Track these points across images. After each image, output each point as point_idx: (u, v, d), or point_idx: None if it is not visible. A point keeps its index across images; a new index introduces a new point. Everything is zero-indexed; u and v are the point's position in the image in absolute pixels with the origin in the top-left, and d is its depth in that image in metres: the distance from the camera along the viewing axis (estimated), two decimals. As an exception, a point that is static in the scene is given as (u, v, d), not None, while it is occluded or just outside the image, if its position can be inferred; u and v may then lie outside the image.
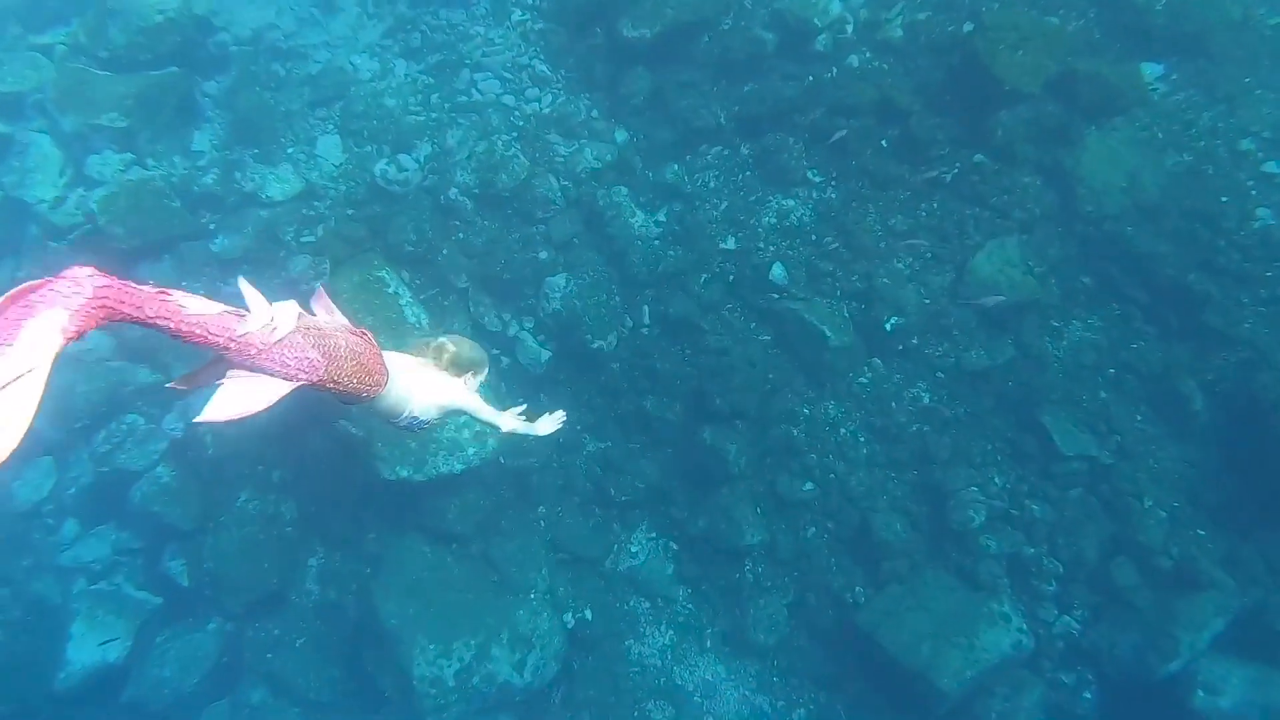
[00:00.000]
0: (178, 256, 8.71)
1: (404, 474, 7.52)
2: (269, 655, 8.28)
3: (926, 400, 8.08)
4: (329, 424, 8.12)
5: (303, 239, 8.71)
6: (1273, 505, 7.46)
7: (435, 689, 7.41)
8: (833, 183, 8.51)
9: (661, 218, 8.82)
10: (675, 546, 8.41)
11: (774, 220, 8.51)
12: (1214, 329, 7.74)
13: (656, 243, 8.70)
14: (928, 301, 8.07)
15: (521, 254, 8.58)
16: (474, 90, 9.22)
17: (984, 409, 8.02)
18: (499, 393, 8.51)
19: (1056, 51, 8.21)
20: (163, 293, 2.63)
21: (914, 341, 8.09)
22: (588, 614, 8.20)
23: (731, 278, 8.44)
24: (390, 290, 7.96)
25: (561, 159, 8.85)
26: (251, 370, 2.91)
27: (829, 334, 7.98)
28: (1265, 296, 7.66)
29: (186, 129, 9.30)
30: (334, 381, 3.15)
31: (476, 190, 8.71)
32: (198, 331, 2.69)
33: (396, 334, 7.74)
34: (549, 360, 8.50)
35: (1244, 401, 7.56)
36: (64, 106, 8.82)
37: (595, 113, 9.08)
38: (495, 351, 8.65)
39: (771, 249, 8.41)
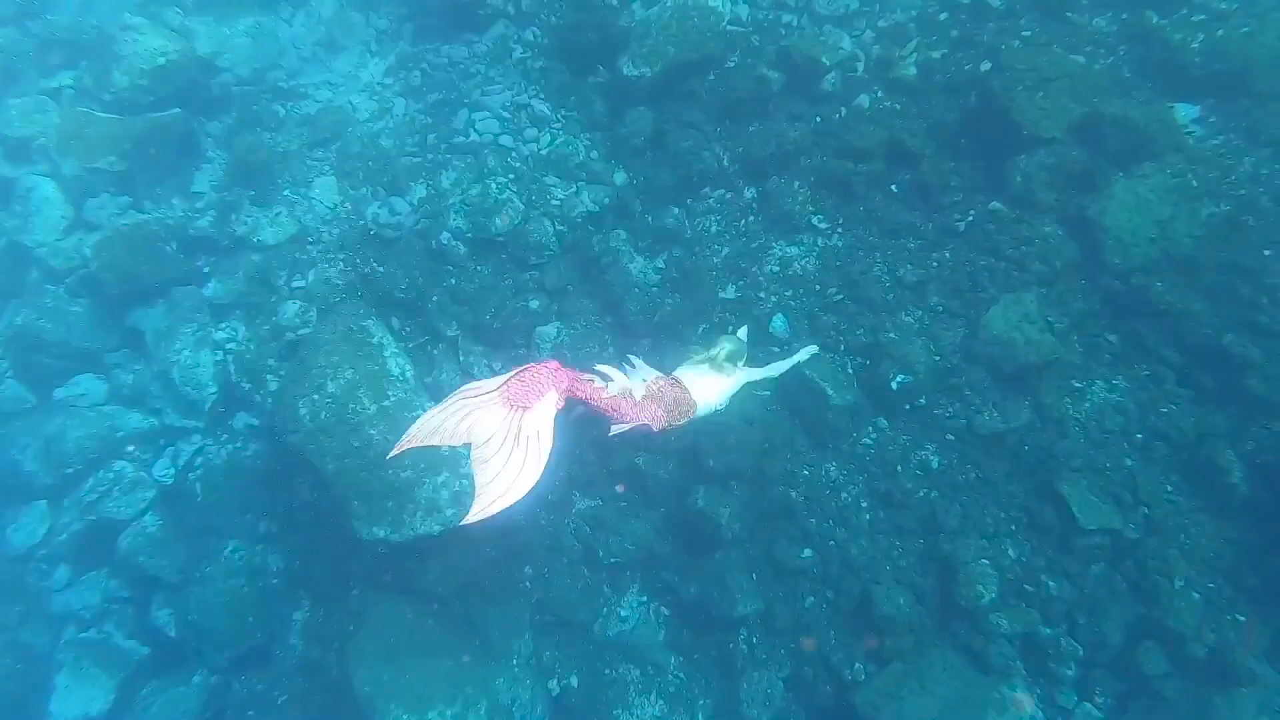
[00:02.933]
0: (171, 301, 8.62)
1: (380, 534, 7.26)
2: (250, 712, 8.09)
3: (935, 464, 7.57)
4: (316, 475, 7.90)
5: (294, 284, 8.57)
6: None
7: (408, 760, 7.13)
8: (839, 230, 8.07)
9: (660, 264, 8.46)
10: (667, 611, 8.01)
11: (776, 268, 8.09)
12: (1255, 395, 7.09)
13: (655, 290, 8.34)
14: (937, 358, 7.57)
15: (513, 301, 8.30)
16: (472, 130, 8.99)
17: (997, 475, 7.48)
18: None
19: (1081, 93, 7.66)
20: (592, 380, 4.42)
21: (922, 401, 7.59)
22: (573, 681, 7.85)
23: (731, 329, 8.01)
24: (374, 341, 7.72)
25: (557, 202, 8.55)
26: (622, 422, 4.50)
27: (830, 391, 7.53)
28: (1312, 360, 6.99)
29: (188, 170, 9.24)
30: (670, 425, 4.64)
31: (470, 234, 8.46)
32: (610, 408, 4.41)
33: (378, 386, 7.52)
34: (539, 413, 8.15)
35: (1288, 475, 6.90)
36: (65, 150, 8.81)
37: (594, 154, 8.77)
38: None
39: (773, 299, 8.00)
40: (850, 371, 7.71)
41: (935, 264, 7.81)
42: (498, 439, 4.06)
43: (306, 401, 7.27)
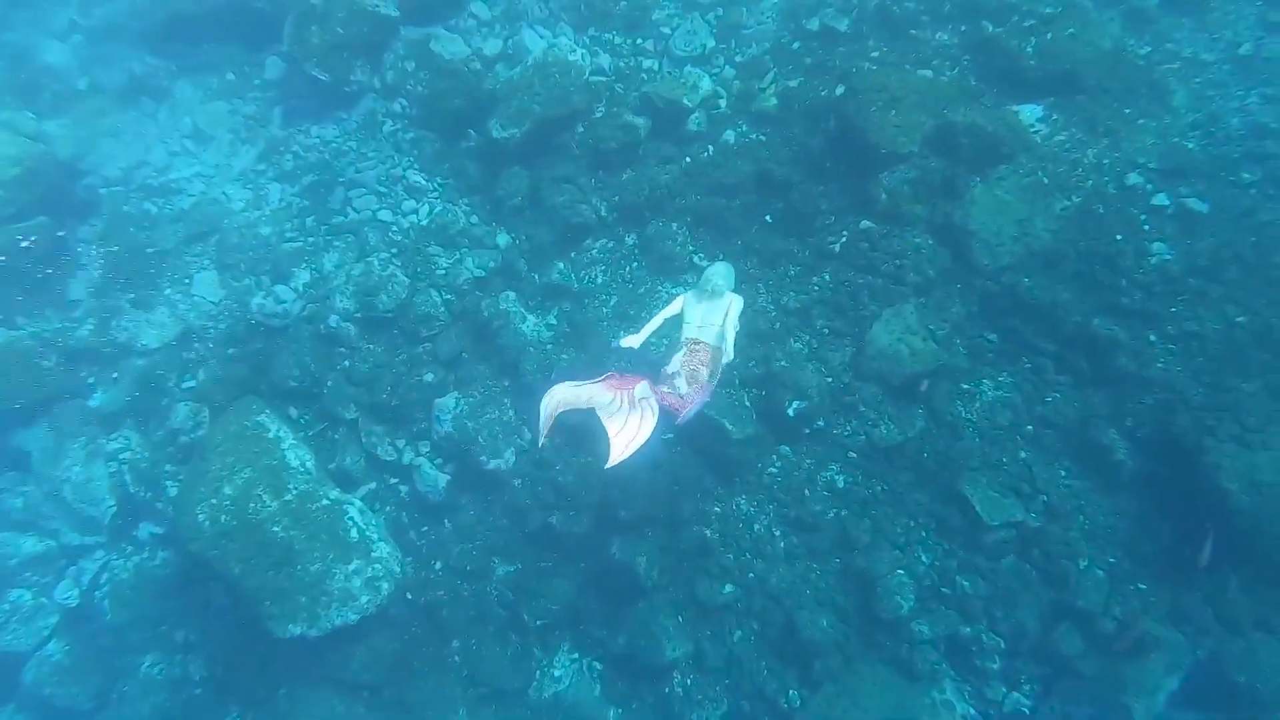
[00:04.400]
0: (54, 417, 8.37)
1: (297, 631, 7.11)
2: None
3: (841, 483, 7.72)
4: (224, 579, 7.71)
5: (184, 385, 8.40)
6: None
7: None
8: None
9: (552, 320, 8.51)
10: (600, 666, 7.99)
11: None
12: (1127, 373, 7.41)
13: (549, 347, 8.38)
14: (830, 380, 7.73)
15: (409, 377, 8.25)
16: (349, 208, 8.95)
17: (902, 485, 7.66)
18: (400, 525, 8.17)
19: (931, 105, 7.96)
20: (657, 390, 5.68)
21: (821, 423, 7.73)
22: (515, 749, 7.75)
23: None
24: (271, 435, 7.60)
25: (443, 271, 8.56)
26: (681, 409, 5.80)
27: (730, 426, 7.63)
28: (1173, 334, 7.34)
29: (62, 279, 8.98)
30: (710, 386, 5.91)
31: (358, 314, 8.41)
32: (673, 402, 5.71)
33: (278, 482, 7.40)
34: (448, 485, 8.12)
35: (1166, 445, 7.21)
36: (-72, 275, 8.51)
37: (474, 218, 8.81)
38: (394, 480, 8.30)
39: (665, 342, 8.06)
40: (748, 404, 7.82)
41: (816, 287, 8.00)
42: (617, 405, 5.55)
43: (204, 507, 7.12)
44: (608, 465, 5.40)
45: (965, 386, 7.77)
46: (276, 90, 9.66)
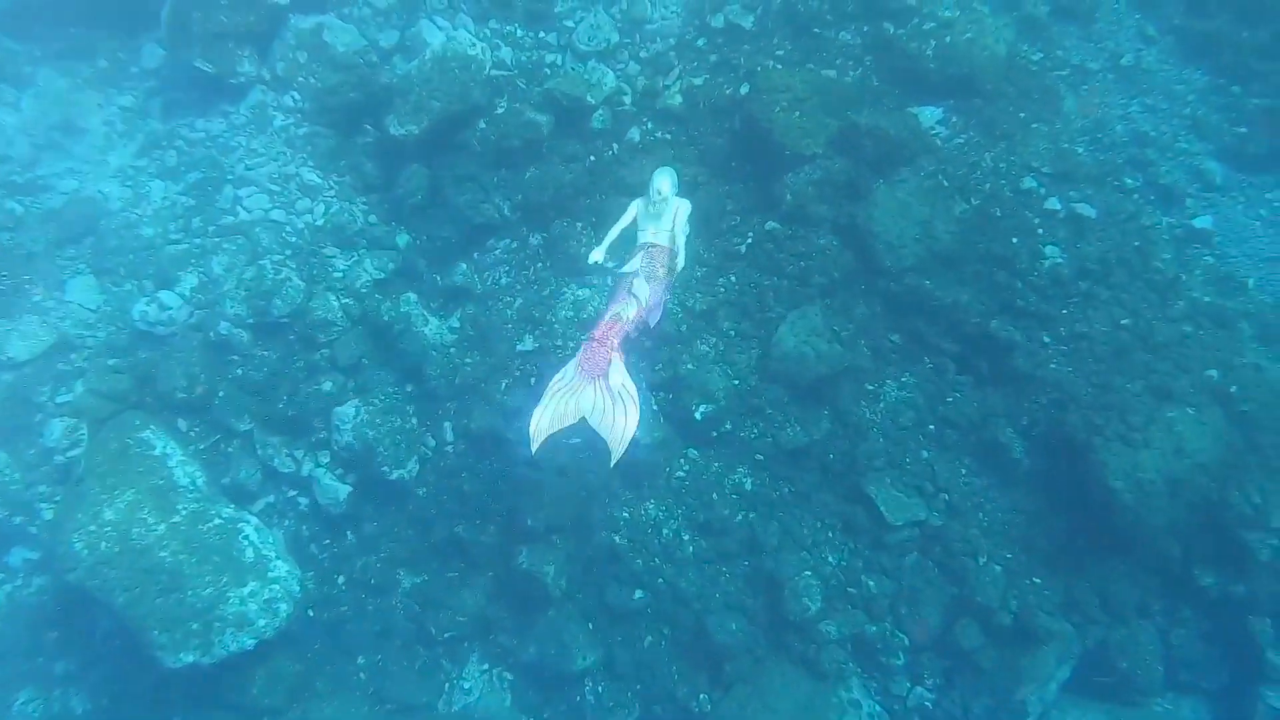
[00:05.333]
0: (-88, 442, 7.75)
1: (189, 659, 6.78)
2: None
3: (749, 485, 7.75)
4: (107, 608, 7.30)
5: (59, 400, 7.87)
6: (1098, 540, 7.37)
7: None
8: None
9: (455, 323, 8.29)
10: (510, 676, 7.90)
11: (570, 313, 8.07)
12: (1023, 373, 7.61)
13: (452, 350, 8.16)
14: (736, 382, 7.73)
15: (307, 385, 7.93)
16: (239, 208, 8.49)
17: (809, 486, 7.74)
18: (300, 539, 7.89)
19: (835, 106, 7.98)
20: (622, 315, 6.07)
21: (728, 426, 7.74)
22: (425, 765, 7.61)
23: (533, 381, 7.95)
24: (157, 453, 7.21)
25: (340, 274, 8.23)
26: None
27: (638, 431, 7.53)
28: (1065, 335, 7.57)
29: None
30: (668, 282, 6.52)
31: (251, 320, 8.01)
32: (642, 315, 6.19)
33: (165, 502, 7.03)
34: (350, 496, 7.85)
35: (1059, 442, 7.45)
36: None
37: (373, 218, 8.48)
38: (293, 493, 7.99)
39: (571, 345, 7.94)
40: (655, 408, 7.77)
41: (722, 289, 7.98)
42: (601, 405, 5.80)
43: (82, 535, 6.71)
44: (612, 464, 5.92)
45: (869, 387, 7.87)
46: (155, 80, 9.10)
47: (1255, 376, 7.32)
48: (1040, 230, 7.74)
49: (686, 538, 7.68)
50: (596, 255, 6.54)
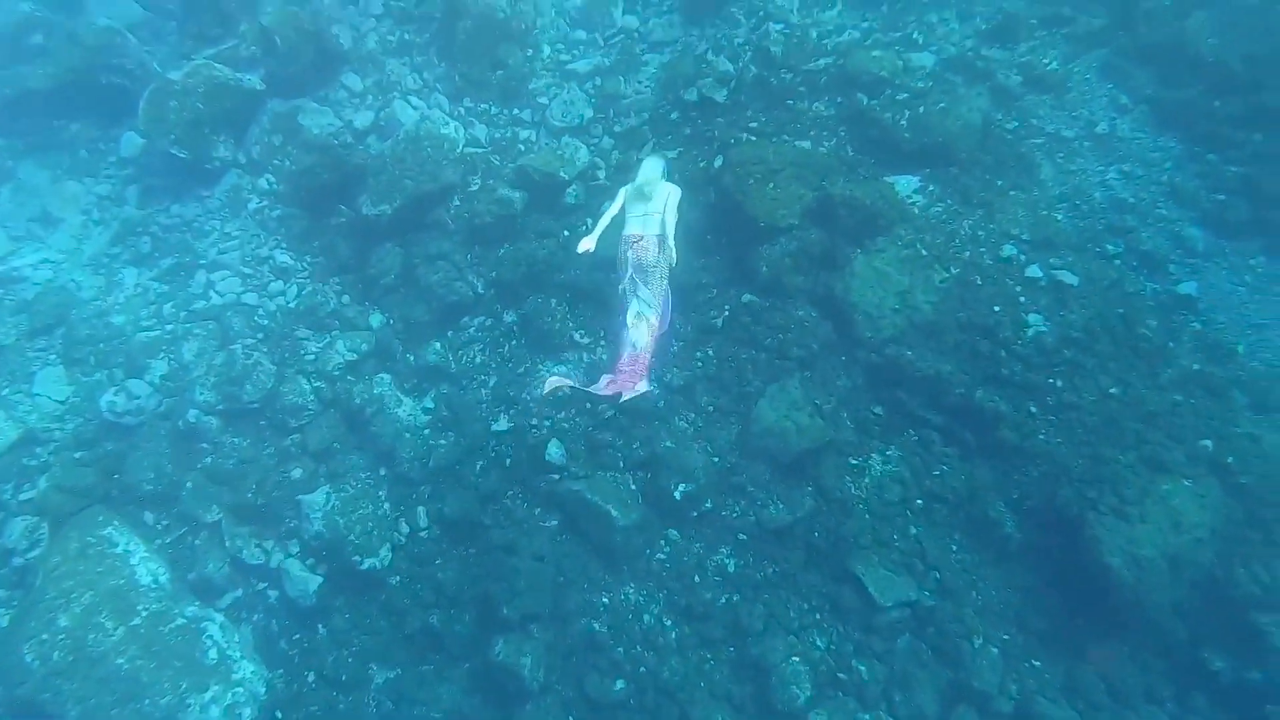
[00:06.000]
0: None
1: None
2: None
3: (732, 567, 7.47)
4: None
5: (22, 497, 7.69)
6: (1098, 620, 7.04)
7: None
8: (601, 343, 7.96)
9: (429, 403, 8.12)
10: (488, 776, 7.50)
11: (545, 390, 7.86)
12: (1011, 445, 7.36)
13: (426, 432, 7.98)
14: (716, 460, 7.52)
15: (277, 472, 7.74)
16: (212, 292, 8.45)
17: (794, 566, 7.45)
18: (269, 634, 7.62)
19: (809, 178, 7.91)
20: (635, 353, 6.22)
21: (708, 505, 7.50)
22: None
23: (509, 461, 7.77)
24: (119, 550, 7.00)
25: (312, 356, 8.12)
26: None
27: (615, 513, 7.34)
28: (1052, 404, 7.33)
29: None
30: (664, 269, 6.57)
31: (221, 407, 7.88)
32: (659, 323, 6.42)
33: (125, 604, 6.80)
34: (320, 587, 7.60)
35: (1052, 517, 7.17)
36: None
37: (346, 298, 8.40)
38: (262, 585, 7.75)
39: (546, 424, 7.78)
40: (633, 487, 7.56)
41: (700, 363, 7.81)
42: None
43: (33, 645, 6.46)
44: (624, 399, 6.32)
45: (853, 462, 7.64)
46: (133, 168, 9.15)
47: (1252, 447, 7.06)
48: (1022, 298, 7.57)
49: (668, 623, 7.38)
50: (587, 244, 6.52)
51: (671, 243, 6.56)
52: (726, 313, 7.89)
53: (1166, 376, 7.38)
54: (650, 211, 6.53)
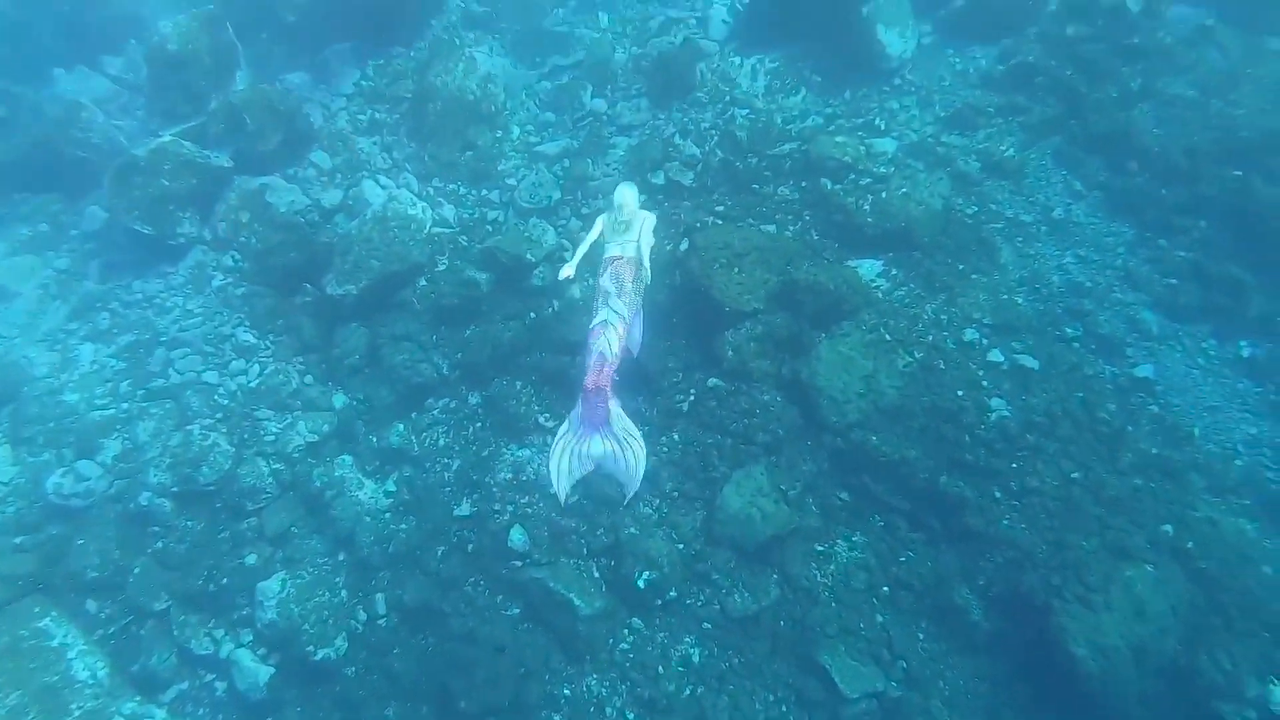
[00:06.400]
0: None
1: None
2: None
3: (696, 658, 7.32)
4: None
5: (-41, 585, 7.38)
6: (1065, 710, 6.95)
7: None
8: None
9: (391, 486, 7.98)
10: None
11: (509, 475, 7.79)
12: (976, 530, 7.34)
13: (387, 516, 7.82)
14: (681, 546, 7.42)
15: (231, 558, 7.53)
16: (171, 370, 8.30)
17: (759, 656, 7.31)
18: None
19: (774, 262, 8.00)
20: (604, 361, 6.29)
21: (673, 594, 7.37)
22: None
23: (471, 547, 7.62)
24: (55, 644, 6.73)
25: (272, 437, 7.96)
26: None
27: (578, 602, 7.20)
28: (1016, 490, 7.35)
29: None
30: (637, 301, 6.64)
31: (175, 489, 7.68)
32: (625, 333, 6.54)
33: (58, 702, 6.49)
34: (272, 679, 7.33)
35: (1017, 604, 7.12)
36: None
37: (309, 378, 8.29)
38: (210, 677, 7.46)
39: (510, 509, 7.65)
40: (596, 575, 7.42)
41: (665, 448, 7.76)
42: (610, 450, 6.26)
43: (-47, 750, 6.14)
44: (626, 503, 6.70)
45: (819, 548, 7.57)
46: (95, 242, 9.09)
47: (1211, 531, 7.12)
48: (985, 383, 7.65)
49: (631, 716, 7.18)
50: (568, 271, 6.71)
51: (647, 264, 6.75)
52: (692, 397, 7.87)
53: (1126, 461, 7.45)
54: (628, 239, 6.78)
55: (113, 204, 8.63)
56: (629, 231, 6.78)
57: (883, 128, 9.08)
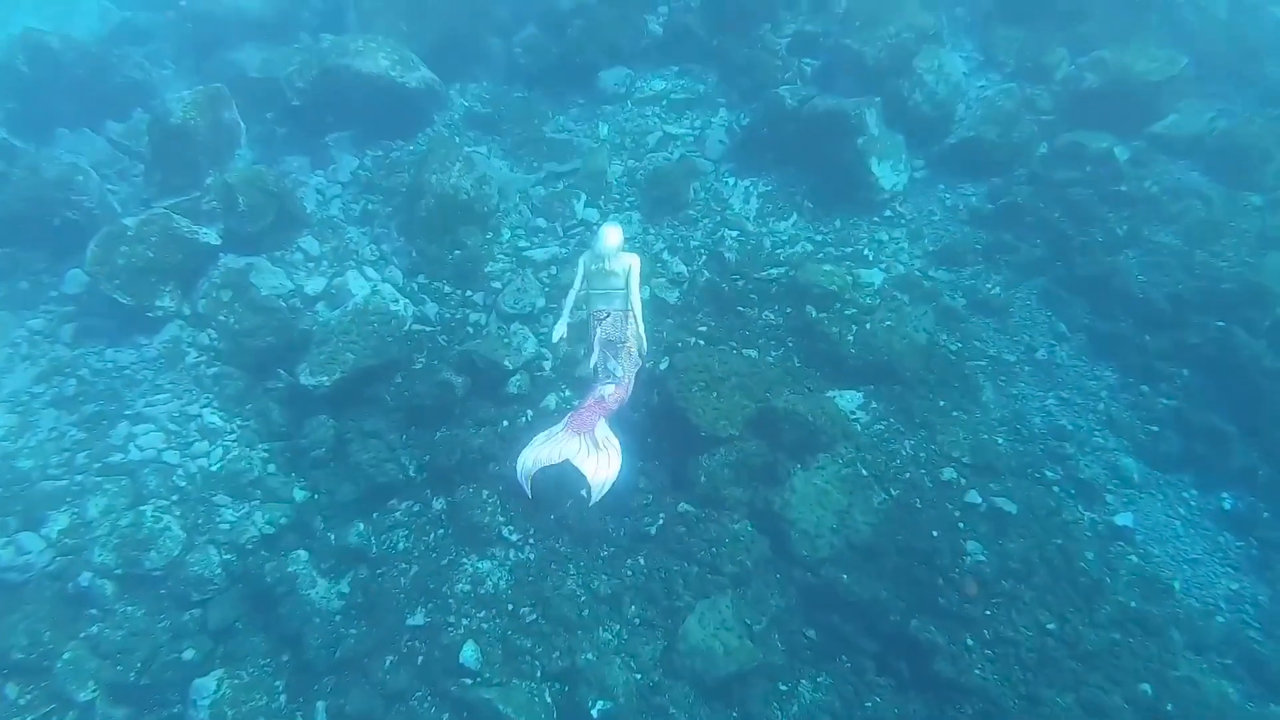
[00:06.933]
0: None
1: None
2: None
3: (646, 801, 6.95)
4: None
5: None
6: None
7: None
8: (530, 541, 7.69)
9: (345, 587, 7.69)
10: None
11: (468, 587, 7.54)
12: (946, 678, 7.08)
13: (338, 619, 7.51)
14: (638, 676, 7.13)
15: (169, 649, 7.19)
16: (131, 446, 8.06)
17: (712, 801, 6.94)
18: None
19: (753, 389, 7.93)
20: (602, 399, 6.31)
21: (626, 727, 7.04)
22: None
23: (420, 659, 7.31)
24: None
25: (227, 525, 7.71)
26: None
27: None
28: (990, 638, 7.13)
29: None
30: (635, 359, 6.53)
31: (119, 571, 7.38)
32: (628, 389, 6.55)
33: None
34: (193, 790, 6.91)
35: (986, 764, 6.82)
36: None
37: (272, 467, 8.08)
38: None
39: (464, 622, 7.38)
40: (549, 700, 7.10)
41: (630, 572, 7.55)
42: (584, 449, 6.06)
43: None
44: (591, 503, 6.15)
45: (783, 687, 7.29)
46: (73, 306, 8.94)
47: (1193, 693, 6.89)
48: (961, 524, 7.51)
49: None
50: (560, 331, 6.51)
51: (641, 326, 6.47)
52: (661, 521, 7.70)
53: (1104, 613, 7.26)
54: (613, 287, 6.41)
55: (94, 269, 8.53)
56: (613, 277, 6.39)
57: (871, 258, 9.16)
